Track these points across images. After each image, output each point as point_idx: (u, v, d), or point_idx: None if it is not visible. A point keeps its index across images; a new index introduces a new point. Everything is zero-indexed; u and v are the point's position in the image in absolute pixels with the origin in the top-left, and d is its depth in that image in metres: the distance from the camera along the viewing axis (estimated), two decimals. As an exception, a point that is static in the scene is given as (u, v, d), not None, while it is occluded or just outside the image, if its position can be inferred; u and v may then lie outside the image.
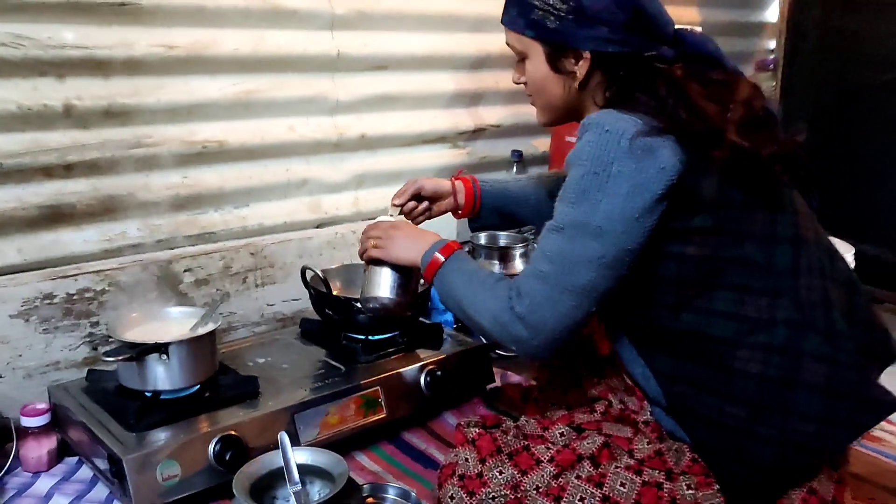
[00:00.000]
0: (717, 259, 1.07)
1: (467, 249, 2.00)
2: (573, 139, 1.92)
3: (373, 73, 1.87)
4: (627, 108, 1.07)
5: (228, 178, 1.69)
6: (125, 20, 1.47)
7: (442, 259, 1.19)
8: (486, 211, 1.48)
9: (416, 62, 1.94)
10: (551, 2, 1.10)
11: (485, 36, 2.05)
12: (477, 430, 1.18)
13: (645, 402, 1.18)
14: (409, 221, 1.39)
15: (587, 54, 1.12)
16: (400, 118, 1.96)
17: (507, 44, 1.21)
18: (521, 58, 1.19)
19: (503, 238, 2.03)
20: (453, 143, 2.10)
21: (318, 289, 1.56)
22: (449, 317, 1.93)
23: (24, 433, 1.36)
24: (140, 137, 1.54)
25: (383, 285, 1.29)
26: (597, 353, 1.35)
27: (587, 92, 1.17)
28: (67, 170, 1.47)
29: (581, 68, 1.13)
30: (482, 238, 2.00)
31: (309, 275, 1.57)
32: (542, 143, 2.29)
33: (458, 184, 1.45)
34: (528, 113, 2.19)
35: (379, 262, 1.29)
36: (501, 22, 1.20)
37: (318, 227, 1.87)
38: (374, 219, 1.89)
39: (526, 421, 1.25)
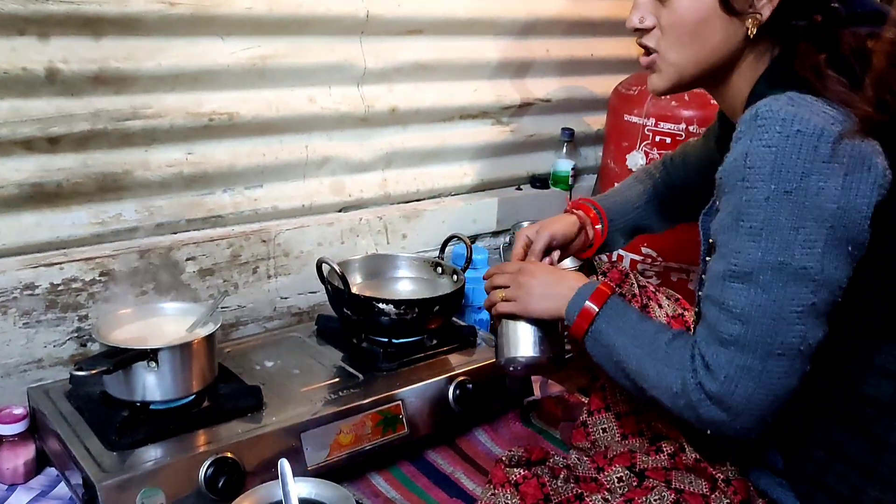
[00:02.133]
0: None
1: (509, 241, 1.85)
2: (634, 118, 1.79)
3: (406, 37, 1.71)
4: (814, 90, 0.84)
5: (239, 154, 1.55)
6: (118, -29, 1.31)
7: (594, 310, 1.01)
8: (613, 238, 1.30)
9: (457, 26, 1.77)
10: None
11: (535, -3, 1.88)
12: (521, 472, 1.01)
13: (729, 463, 0.99)
14: (539, 261, 1.19)
15: None
16: (436, 90, 1.80)
17: None
18: None
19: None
20: (496, 118, 1.94)
21: (335, 284, 1.42)
22: (484, 315, 1.77)
23: (-1, 440, 1.23)
24: (137, 108, 1.39)
25: (524, 342, 1.13)
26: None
27: (748, 52, 0.93)
28: (52, 143, 1.33)
29: (766, 8, 0.89)
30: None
31: (325, 269, 1.43)
32: (596, 121, 2.13)
33: (583, 216, 1.26)
34: (582, 86, 2.08)
35: (513, 316, 1.14)
36: None
37: (340, 212, 1.73)
38: (406, 203, 1.81)
39: (578, 459, 1.07)
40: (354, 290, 1.44)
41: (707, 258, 1.01)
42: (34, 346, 1.34)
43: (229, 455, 1.14)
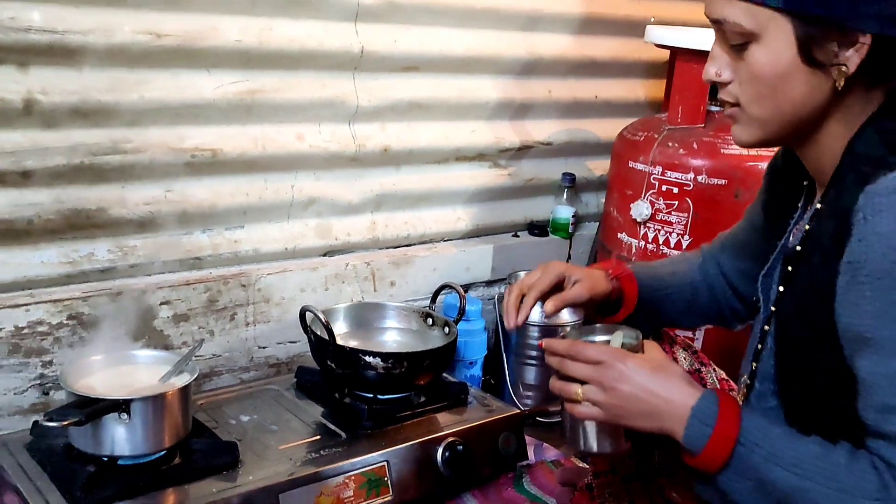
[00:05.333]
0: None
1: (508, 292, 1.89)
2: (639, 165, 1.86)
3: (402, 74, 1.78)
4: None
5: (221, 193, 1.61)
6: (106, 1, 1.37)
7: (732, 438, 0.90)
8: (637, 312, 1.26)
9: (454, 64, 1.85)
10: None
11: (537, 36, 1.97)
12: None
13: None
14: (634, 354, 1.00)
15: (866, 38, 0.86)
16: (431, 130, 1.87)
17: (714, 18, 0.93)
18: (744, 41, 0.92)
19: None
20: (494, 161, 2.01)
21: (318, 334, 1.46)
22: (476, 371, 1.82)
23: (-49, 495, 1.26)
24: (117, 142, 1.45)
25: (603, 437, 1.02)
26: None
27: (842, 104, 0.92)
28: (25, 177, 1.38)
29: (851, 60, 0.87)
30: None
31: (309, 317, 1.48)
32: (599, 166, 2.20)
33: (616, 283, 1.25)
34: (585, 129, 2.16)
35: None
36: None
37: (325, 256, 1.78)
38: (396, 248, 1.85)
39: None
40: (338, 340, 1.48)
41: (766, 326, 1.01)
42: (-7, 394, 1.38)
43: (202, 517, 1.17)
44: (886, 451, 0.84)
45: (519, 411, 1.58)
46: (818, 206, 0.97)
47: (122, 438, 1.20)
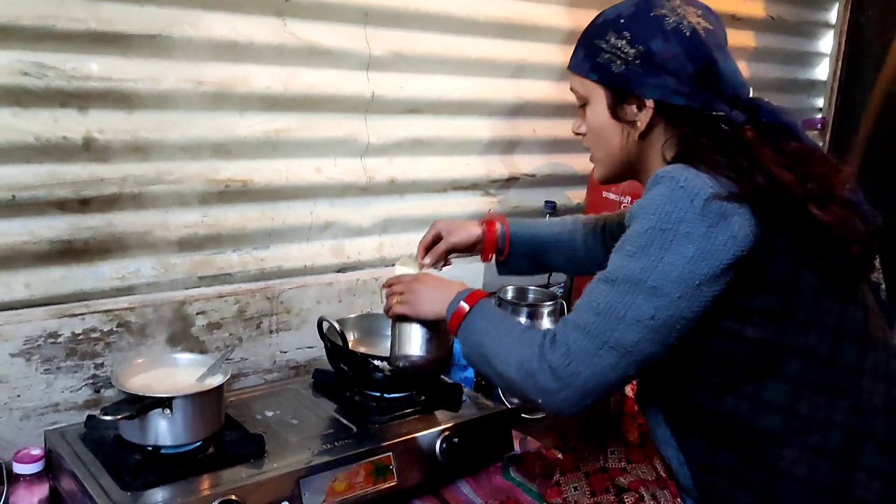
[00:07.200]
0: (776, 345, 0.99)
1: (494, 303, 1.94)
2: (611, 195, 1.91)
3: (406, 116, 1.82)
4: (703, 166, 0.99)
5: (250, 218, 1.64)
6: (154, 53, 1.43)
7: (467, 308, 1.14)
8: (515, 255, 1.44)
9: (452, 107, 1.90)
10: (619, 45, 1.05)
11: (523, 82, 2.01)
12: None
13: (679, 499, 1.08)
14: (432, 272, 1.32)
15: (650, 103, 1.06)
16: (432, 163, 1.91)
17: (571, 89, 1.16)
18: (583, 104, 1.14)
19: (531, 294, 1.96)
20: (485, 190, 2.05)
21: (333, 341, 1.50)
22: (470, 374, 1.85)
23: (15, 479, 1.29)
24: (161, 173, 1.49)
25: (412, 343, 1.25)
26: (626, 438, 1.26)
27: (650, 145, 1.10)
28: (83, 204, 1.42)
29: (643, 117, 1.07)
30: (509, 293, 1.92)
31: (325, 326, 1.51)
32: (577, 195, 2.24)
33: (489, 235, 1.43)
34: (564, 163, 2.21)
35: (406, 319, 1.25)
36: (568, 68, 1.16)
37: (339, 272, 1.81)
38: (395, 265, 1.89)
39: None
40: (350, 346, 1.51)
41: None
42: (52, 391, 1.41)
43: (234, 498, 1.19)
44: (563, 319, 1.06)
45: (506, 409, 1.61)
46: None
47: (164, 430, 1.23)
